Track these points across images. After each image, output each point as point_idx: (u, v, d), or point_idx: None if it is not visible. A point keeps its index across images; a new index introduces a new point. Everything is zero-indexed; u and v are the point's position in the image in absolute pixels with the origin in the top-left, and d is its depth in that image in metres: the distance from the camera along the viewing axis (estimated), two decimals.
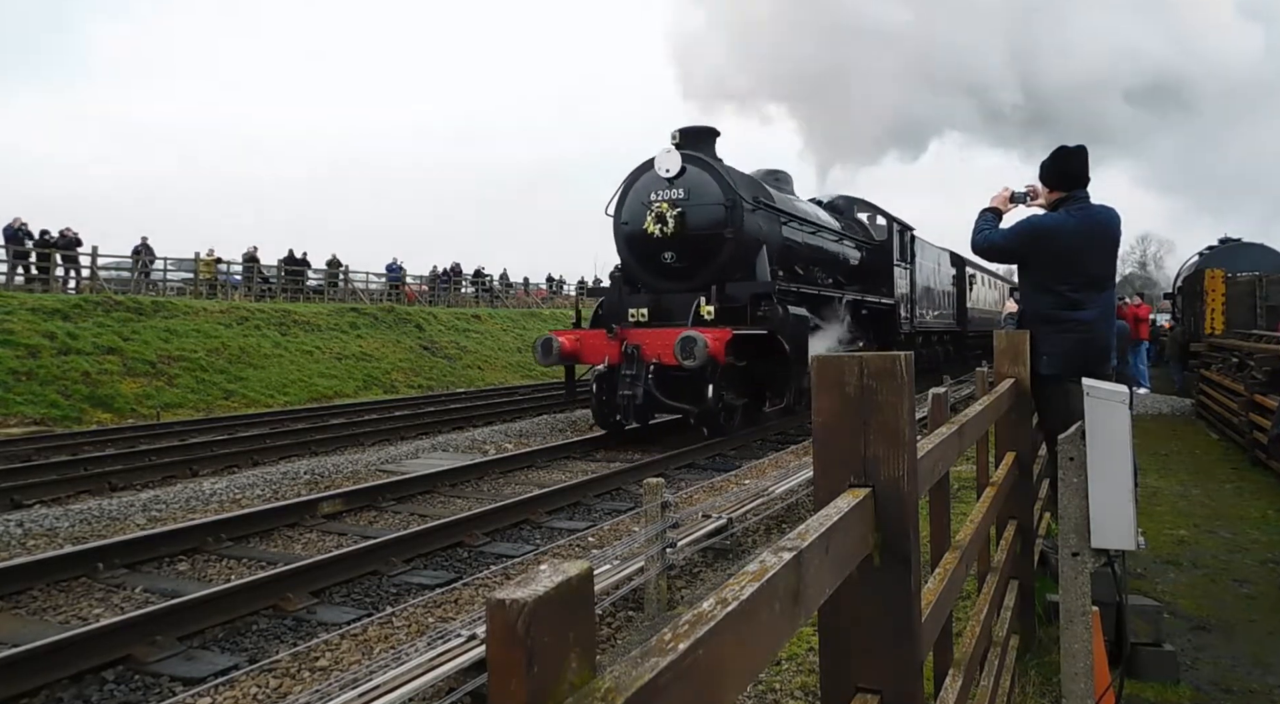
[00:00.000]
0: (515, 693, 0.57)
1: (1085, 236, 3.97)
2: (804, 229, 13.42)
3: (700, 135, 11.39)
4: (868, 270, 16.29)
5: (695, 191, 10.80)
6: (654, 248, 10.95)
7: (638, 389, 9.90)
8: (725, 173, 10.92)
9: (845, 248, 15.56)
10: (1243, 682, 3.65)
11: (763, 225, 11.48)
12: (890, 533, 1.34)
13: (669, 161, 10.83)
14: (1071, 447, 2.89)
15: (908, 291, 17.48)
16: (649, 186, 11.01)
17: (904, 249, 17.32)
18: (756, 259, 11.06)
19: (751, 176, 12.11)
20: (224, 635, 4.34)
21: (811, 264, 13.54)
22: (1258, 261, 17.83)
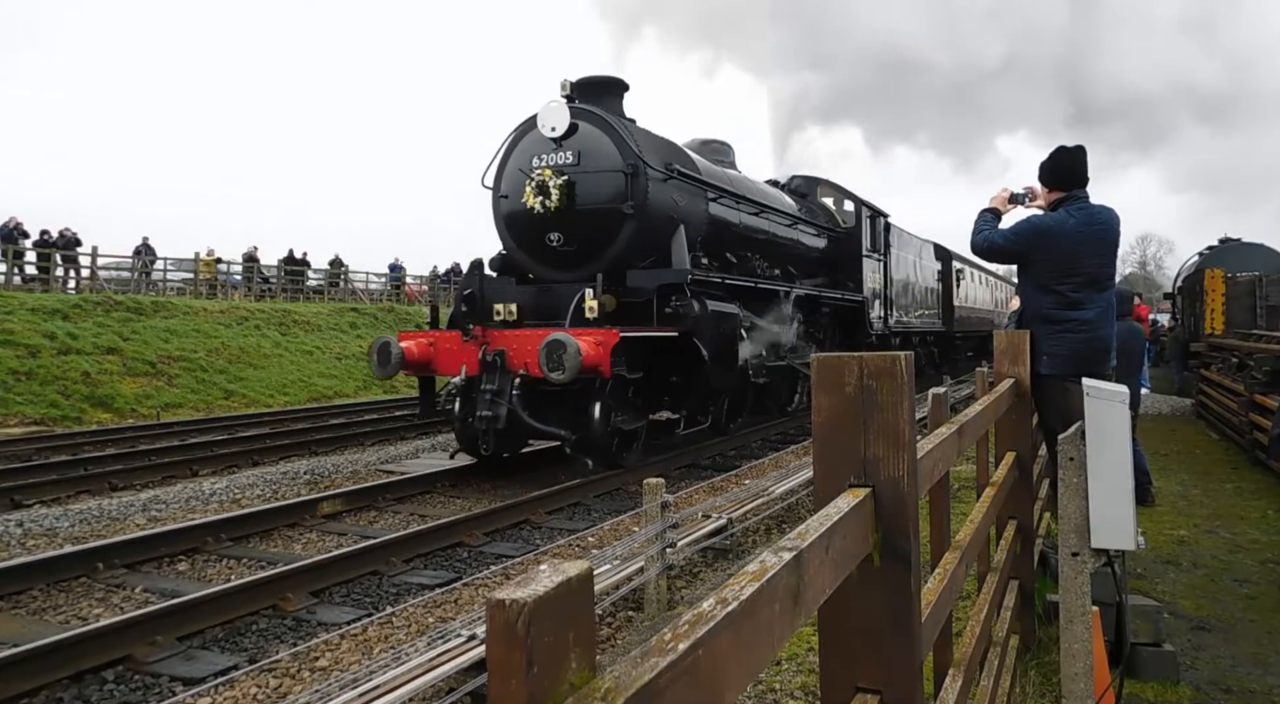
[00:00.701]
0: (515, 693, 0.57)
1: (1085, 236, 3.97)
2: (742, 208, 11.10)
3: (601, 88, 9.11)
4: (832, 262, 14.25)
5: (588, 155, 8.53)
6: (537, 227, 8.69)
7: (500, 409, 7.56)
8: (627, 132, 8.65)
9: (802, 234, 13.30)
10: (1243, 682, 3.65)
11: (679, 200, 9.25)
12: (890, 533, 1.34)
13: (555, 117, 8.41)
14: (1071, 447, 2.89)
15: (881, 287, 15.54)
16: (531, 150, 8.75)
17: (876, 238, 15.30)
18: (672, 242, 8.86)
19: (669, 141, 9.81)
20: (224, 635, 4.34)
21: (754, 251, 11.40)
22: (1258, 261, 17.83)
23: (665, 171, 9.02)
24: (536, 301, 8.90)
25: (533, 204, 8.47)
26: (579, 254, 8.69)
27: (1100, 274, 4.01)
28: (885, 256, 15.80)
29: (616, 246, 8.61)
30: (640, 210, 8.48)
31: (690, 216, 9.50)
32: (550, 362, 7.03)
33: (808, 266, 13.47)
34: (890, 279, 16.07)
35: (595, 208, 8.53)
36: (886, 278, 15.88)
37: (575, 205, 8.51)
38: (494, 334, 8.00)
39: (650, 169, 8.64)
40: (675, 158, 9.51)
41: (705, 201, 10.00)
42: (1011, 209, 4.43)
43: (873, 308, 14.92)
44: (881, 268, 15.62)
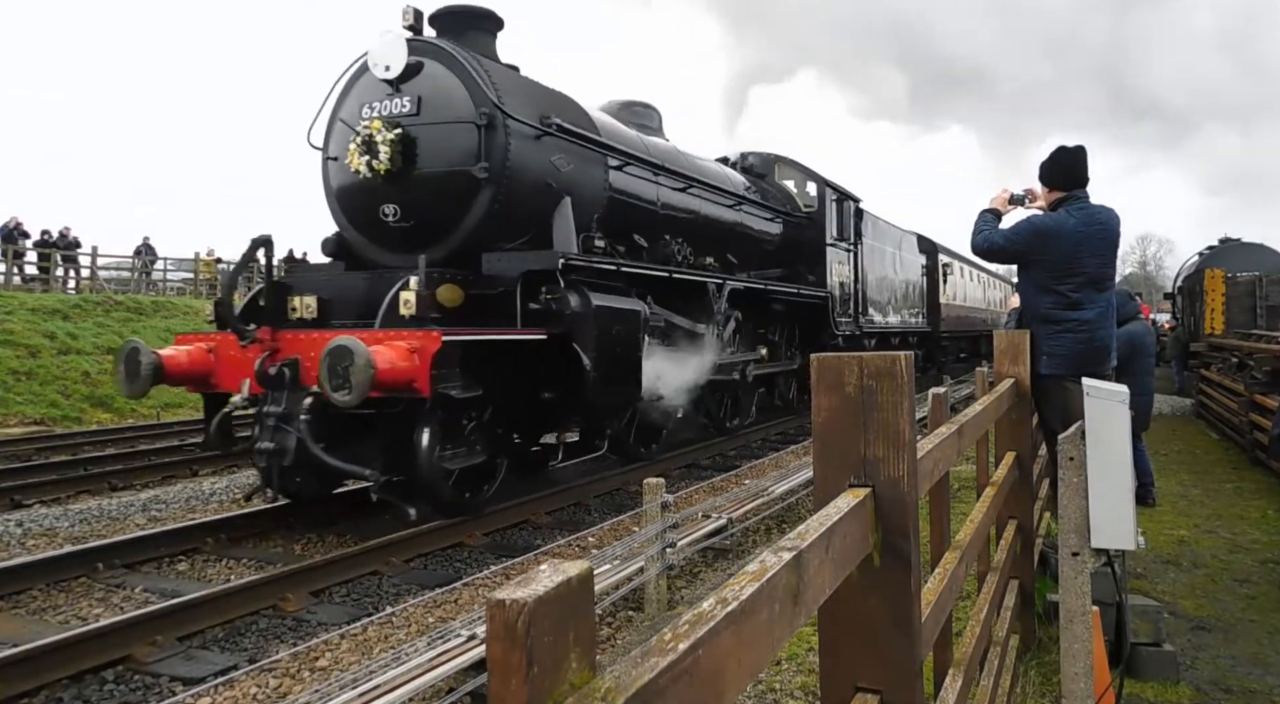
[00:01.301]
0: (515, 693, 0.57)
1: (1085, 236, 3.98)
2: (662, 181, 8.99)
3: (462, 20, 7.17)
4: (790, 251, 12.41)
5: (431, 103, 6.59)
6: (368, 197, 6.73)
7: (285, 439, 5.59)
8: (483, 73, 6.64)
9: (749, 216, 11.23)
10: (1243, 682, 3.65)
11: (563, 165, 7.27)
12: (890, 533, 1.34)
13: (388, 53, 6.57)
14: (1071, 447, 2.89)
15: (850, 280, 13.70)
16: (365, 98, 6.81)
17: (844, 225, 13.43)
18: (554, 217, 7.01)
19: (552, 91, 7.72)
20: (224, 635, 4.34)
21: (679, 235, 9.25)
22: (1258, 262, 17.83)
23: (538, 126, 7.00)
24: (354, 293, 6.65)
25: (357, 166, 6.48)
26: (421, 232, 6.64)
27: (1100, 274, 4.01)
28: (856, 247, 13.93)
29: (470, 222, 6.61)
30: (498, 174, 6.56)
31: (580, 187, 7.53)
32: (333, 376, 5.06)
33: (758, 256, 11.61)
34: (862, 273, 14.18)
35: (439, 171, 6.55)
36: (858, 271, 14.03)
37: (415, 168, 6.54)
38: (285, 338, 5.94)
39: (513, 121, 6.66)
40: (560, 111, 7.40)
41: (605, 169, 7.95)
42: (1011, 210, 4.43)
43: (840, 305, 13.12)
44: (851, 259, 13.81)
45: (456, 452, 5.95)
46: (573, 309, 6.44)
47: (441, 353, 5.35)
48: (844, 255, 13.53)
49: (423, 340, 5.36)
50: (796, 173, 13.54)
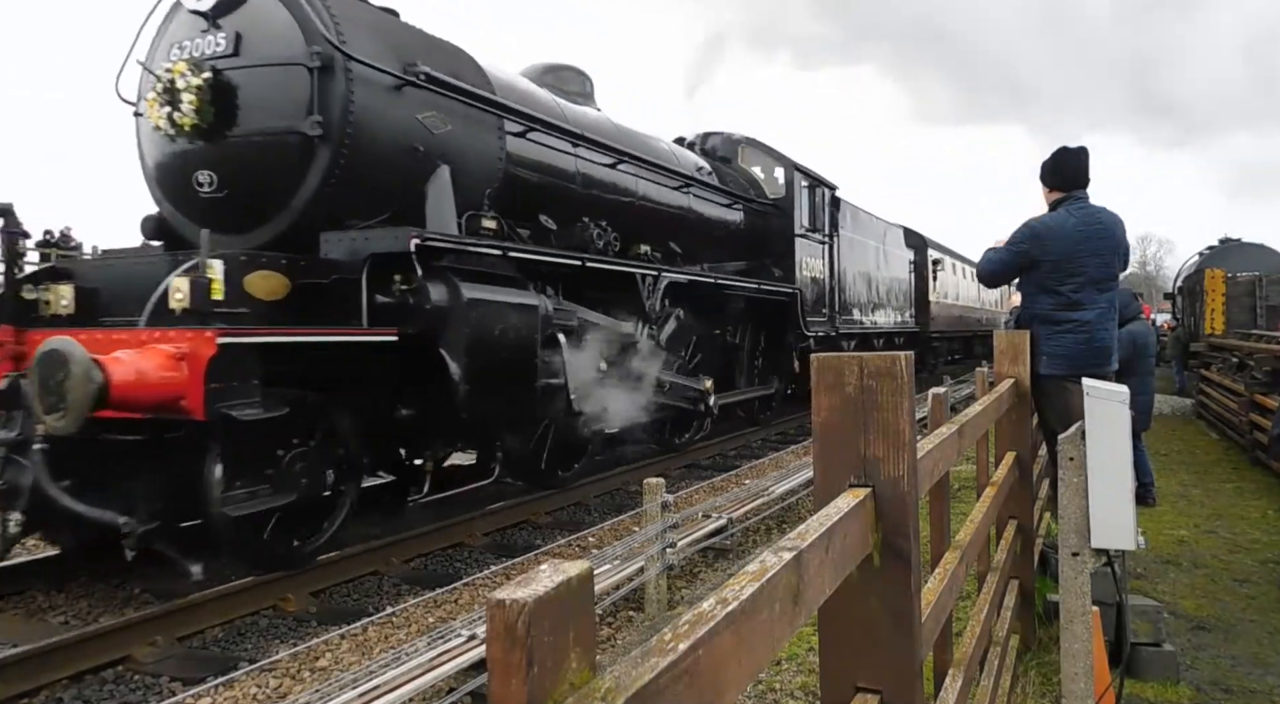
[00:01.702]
0: (515, 693, 0.57)
1: (1085, 236, 3.98)
2: (580, 153, 7.43)
3: None
4: (753, 242, 10.96)
5: (252, 40, 5.22)
6: (179, 161, 5.40)
7: (20, 475, 4.28)
8: (319, 3, 5.23)
9: (702, 201, 9.66)
10: (1243, 682, 3.65)
11: (433, 125, 5.83)
12: (890, 533, 1.34)
13: None
14: (1071, 447, 2.89)
15: (825, 276, 12.35)
16: (176, 37, 5.40)
17: (816, 214, 12.09)
18: (428, 189, 5.63)
19: (428, 36, 6.29)
20: (224, 635, 4.34)
21: (606, 219, 7.57)
22: (1258, 262, 17.83)
23: (397, 74, 5.55)
24: (137, 283, 4.99)
25: (156, 120, 5.09)
26: (244, 205, 5.27)
27: (1101, 275, 4.01)
28: (831, 239, 12.59)
29: (305, 192, 5.19)
30: (338, 132, 5.14)
31: (465, 154, 6.04)
32: (45, 393, 3.91)
33: (713, 247, 10.12)
34: (839, 268, 12.84)
35: (263, 127, 5.18)
36: (833, 266, 12.64)
37: (234, 123, 5.16)
38: (33, 340, 4.62)
39: (358, 64, 5.23)
40: (435, 60, 5.91)
41: (500, 135, 6.45)
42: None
43: (811, 303, 11.69)
44: (826, 253, 12.44)
45: (255, 490, 4.49)
46: (434, 303, 5.02)
47: (220, 359, 4.03)
48: (817, 248, 12.13)
49: (193, 342, 4.03)
50: (764, 157, 12.02)
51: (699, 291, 8.92)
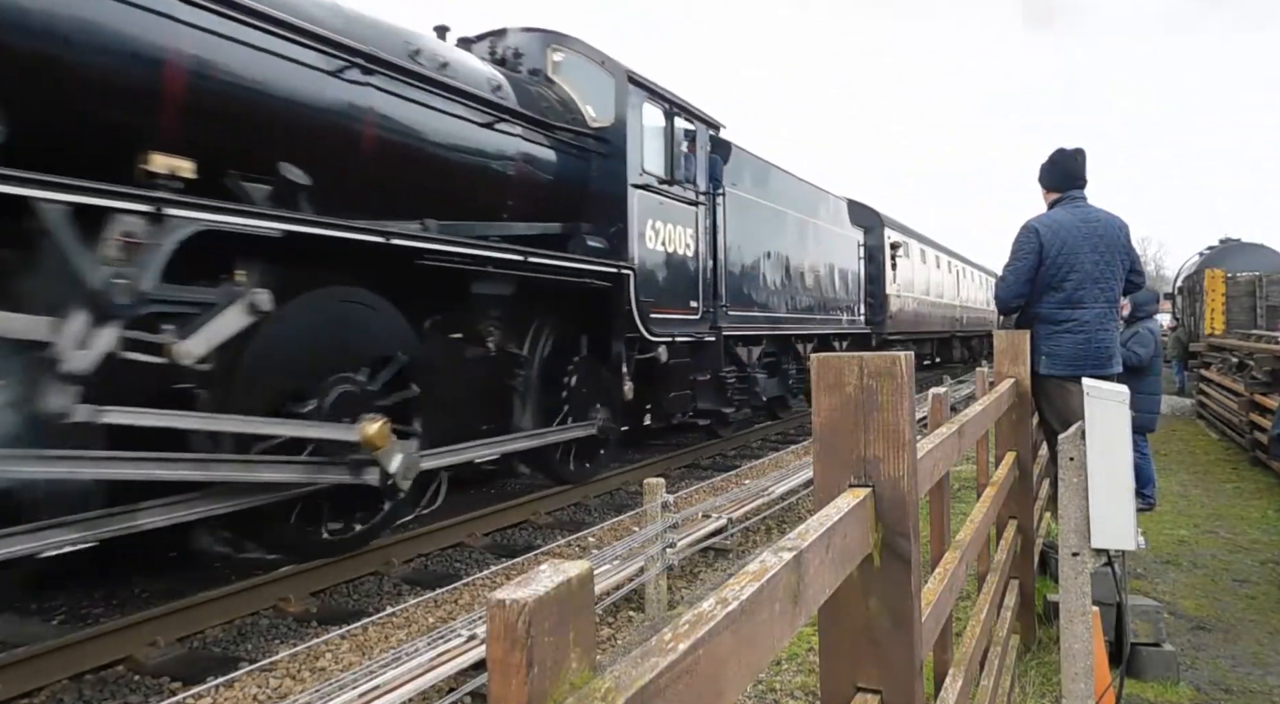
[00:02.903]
0: (515, 693, 0.57)
1: (1082, 233, 4.00)
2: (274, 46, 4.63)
3: None
4: (570, 196, 7.34)
5: None
6: None
7: None
8: None
9: (453, 120, 6.01)
10: (1243, 682, 3.65)
11: None
12: (890, 533, 1.34)
13: None
14: (1071, 447, 2.90)
15: (695, 252, 8.54)
16: None
17: (677, 159, 8.22)
18: None
19: None
20: (224, 635, 4.34)
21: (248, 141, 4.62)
22: (1258, 262, 17.83)
23: None
24: None
25: None
26: None
27: (1100, 274, 4.01)
28: (712, 199, 8.92)
29: None
30: None
31: None
32: None
33: (509, 202, 6.71)
34: (724, 242, 9.10)
35: None
36: (715, 238, 8.95)
37: None
38: None
39: None
40: None
41: None
42: None
43: (662, 291, 7.86)
44: (699, 219, 8.60)
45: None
46: None
47: None
48: (680, 211, 8.20)
49: None
50: (587, 66, 7.82)
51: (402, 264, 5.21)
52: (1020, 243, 4.13)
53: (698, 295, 8.62)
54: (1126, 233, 4.09)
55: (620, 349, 7.44)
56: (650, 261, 7.72)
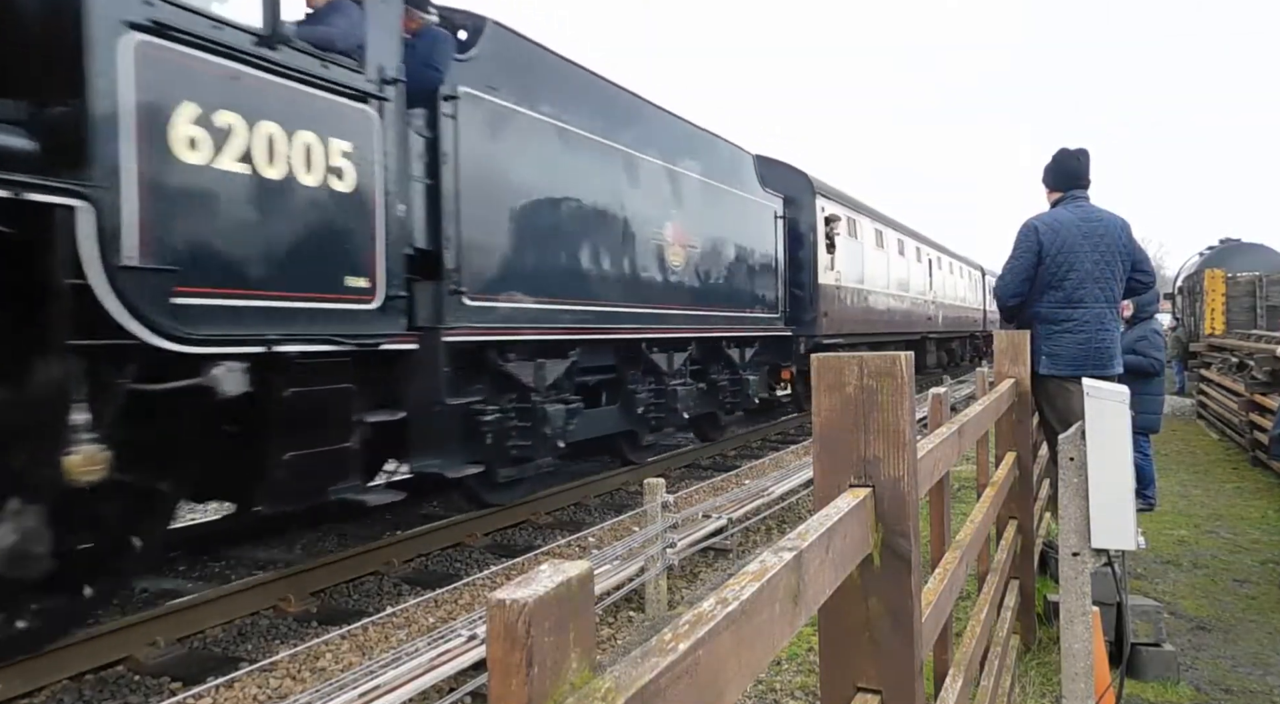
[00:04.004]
0: (515, 693, 0.57)
1: (1082, 231, 4.01)
2: None
3: None
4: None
5: None
6: None
7: None
8: None
9: None
10: (1243, 682, 3.65)
11: None
12: (890, 533, 1.34)
13: None
14: (1071, 447, 2.89)
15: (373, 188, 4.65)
16: None
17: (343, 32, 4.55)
18: None
19: None
20: (224, 635, 4.34)
21: None
22: (1258, 262, 17.82)
23: None
24: None
25: None
26: None
27: (1101, 274, 4.01)
28: (433, 103, 5.33)
29: None
30: None
31: None
32: None
33: None
34: (460, 178, 5.43)
35: None
36: (436, 170, 5.31)
37: None
38: None
39: None
40: None
41: None
42: None
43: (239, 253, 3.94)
44: (382, 130, 4.73)
45: None
46: None
47: None
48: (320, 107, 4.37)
49: None
50: None
51: None
52: (1020, 241, 4.13)
53: (371, 266, 4.66)
54: (1128, 232, 4.08)
55: (68, 370, 3.29)
56: (198, 189, 3.74)
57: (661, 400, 8.11)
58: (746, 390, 9.68)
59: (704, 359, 9.16)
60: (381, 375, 4.97)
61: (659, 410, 8.11)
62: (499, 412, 5.87)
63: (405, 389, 5.08)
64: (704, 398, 9.02)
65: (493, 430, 5.78)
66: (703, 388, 8.96)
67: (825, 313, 11.84)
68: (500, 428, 5.86)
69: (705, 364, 9.20)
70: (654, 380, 8.11)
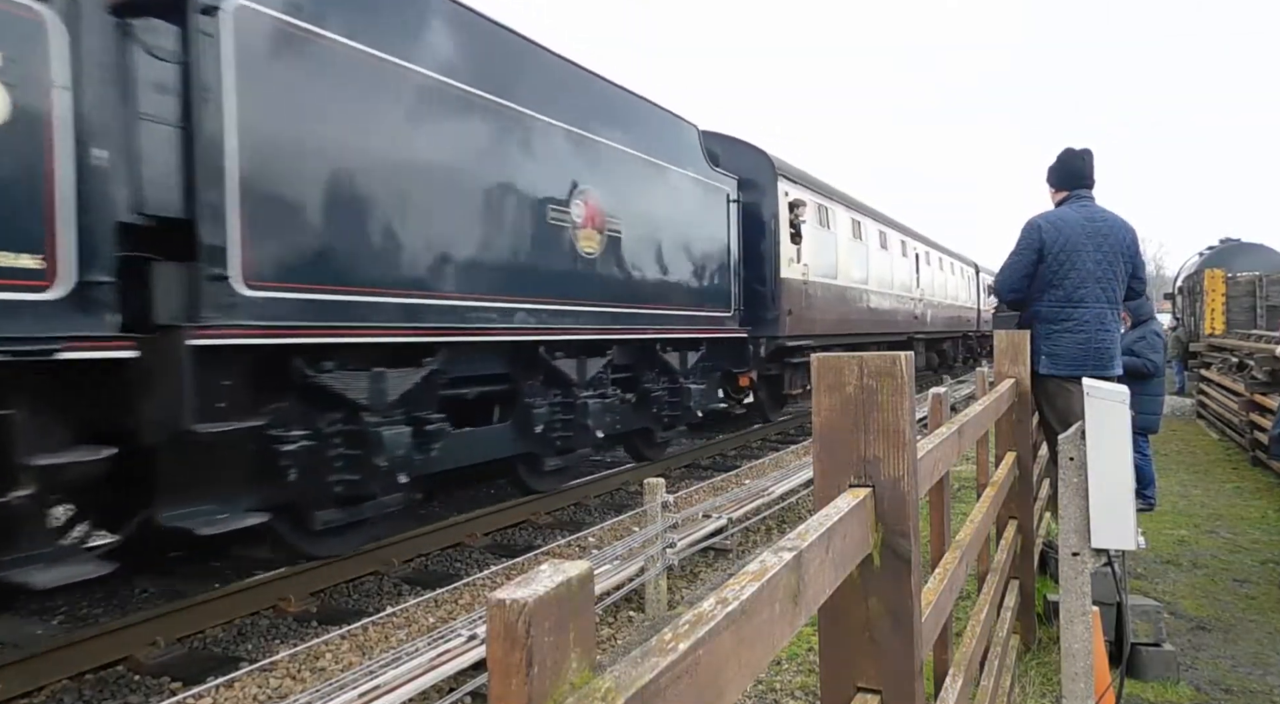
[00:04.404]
0: (515, 693, 0.57)
1: (1086, 231, 4.01)
2: None
3: None
4: None
5: None
6: None
7: None
8: None
9: None
10: (1243, 682, 3.65)
11: None
12: (890, 533, 1.34)
13: None
14: (1071, 447, 2.89)
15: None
16: None
17: None
18: None
19: None
20: (224, 635, 4.34)
21: None
22: (1258, 262, 17.82)
23: None
24: None
25: None
26: None
27: (1101, 273, 4.02)
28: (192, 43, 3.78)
29: None
30: None
31: None
32: None
33: None
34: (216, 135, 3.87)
35: None
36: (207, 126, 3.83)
37: None
38: None
39: None
40: None
41: None
42: None
43: None
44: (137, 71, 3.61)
45: None
46: None
47: None
48: None
49: None
50: None
51: None
52: (1022, 238, 4.14)
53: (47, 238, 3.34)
54: (1133, 236, 4.10)
55: None
56: None
57: (570, 416, 6.72)
58: (688, 401, 8.36)
59: (634, 366, 7.86)
60: (99, 395, 3.61)
61: (566, 428, 6.72)
62: (312, 439, 4.48)
63: (141, 412, 3.72)
64: (632, 412, 7.72)
65: (300, 464, 4.37)
66: (630, 400, 7.64)
67: (789, 311, 10.41)
68: (313, 460, 4.47)
69: (637, 371, 7.92)
70: (560, 392, 6.71)
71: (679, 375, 8.40)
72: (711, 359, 9.19)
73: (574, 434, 6.80)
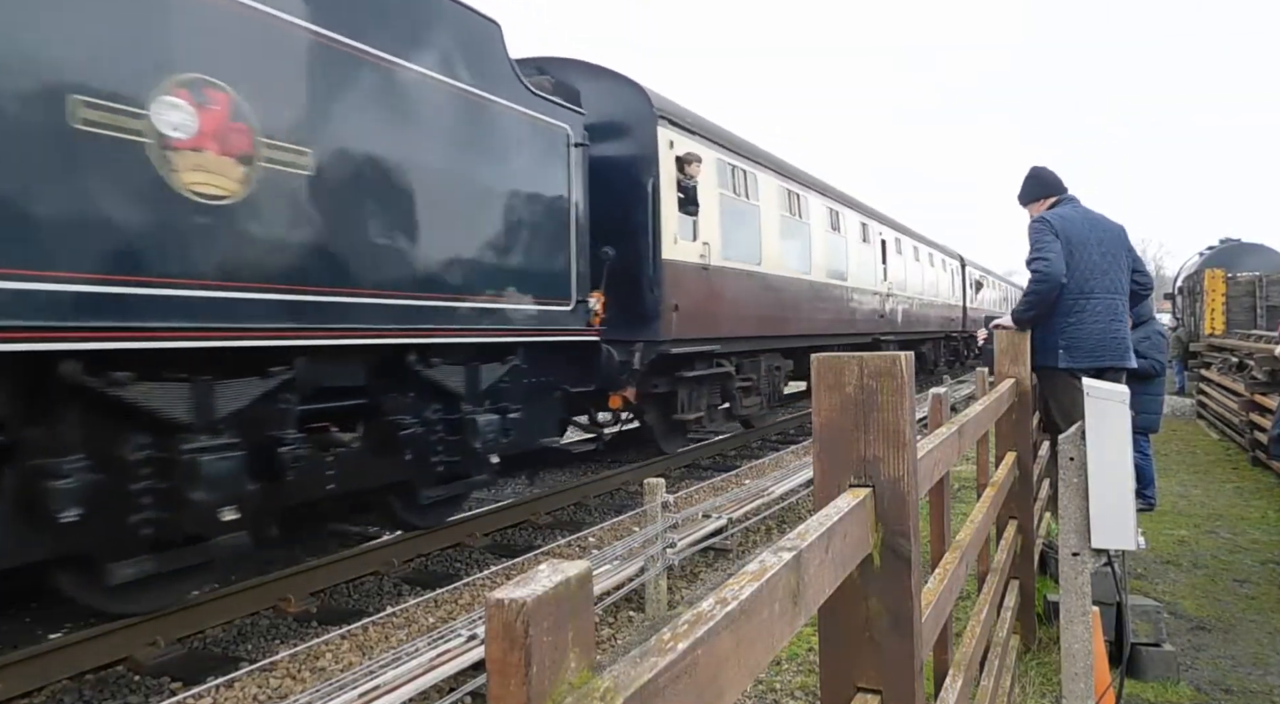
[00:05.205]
0: (514, 693, 0.57)
1: (1088, 227, 4.14)
2: None
3: None
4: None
5: None
6: None
7: None
8: None
9: None
10: (1243, 682, 3.65)
11: None
12: (890, 533, 1.34)
13: None
14: (1071, 447, 2.89)
15: None
16: None
17: None
18: None
19: None
20: (224, 635, 4.34)
21: None
22: (1258, 262, 17.82)
23: None
24: None
25: None
26: None
27: (1106, 266, 4.12)
28: None
29: None
30: None
31: None
32: None
33: None
34: None
35: None
36: None
37: None
38: None
39: None
40: None
41: None
42: None
43: None
44: None
45: None
46: None
47: None
48: None
49: None
50: None
51: None
52: (1039, 232, 4.19)
53: None
54: (1126, 233, 4.25)
55: None
56: None
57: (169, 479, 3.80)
58: (474, 441, 5.51)
59: (374, 389, 5.08)
60: None
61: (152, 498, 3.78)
62: None
63: None
64: (357, 463, 4.88)
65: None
66: (354, 447, 4.87)
67: (675, 305, 7.64)
68: None
69: (375, 397, 5.09)
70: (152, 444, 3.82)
71: (460, 401, 5.57)
72: (541, 373, 6.50)
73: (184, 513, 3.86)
